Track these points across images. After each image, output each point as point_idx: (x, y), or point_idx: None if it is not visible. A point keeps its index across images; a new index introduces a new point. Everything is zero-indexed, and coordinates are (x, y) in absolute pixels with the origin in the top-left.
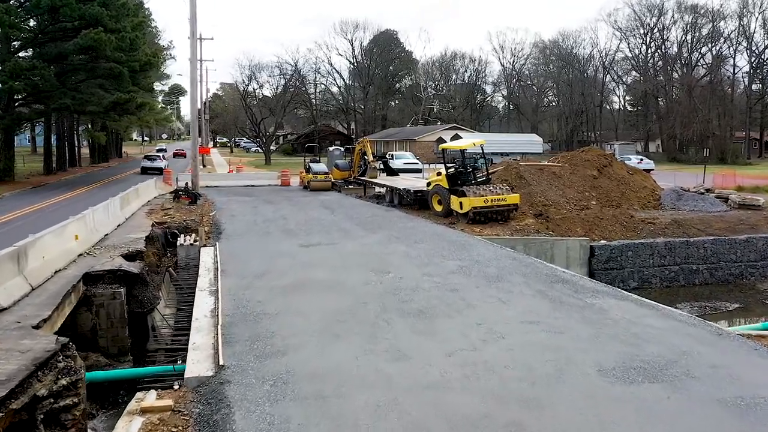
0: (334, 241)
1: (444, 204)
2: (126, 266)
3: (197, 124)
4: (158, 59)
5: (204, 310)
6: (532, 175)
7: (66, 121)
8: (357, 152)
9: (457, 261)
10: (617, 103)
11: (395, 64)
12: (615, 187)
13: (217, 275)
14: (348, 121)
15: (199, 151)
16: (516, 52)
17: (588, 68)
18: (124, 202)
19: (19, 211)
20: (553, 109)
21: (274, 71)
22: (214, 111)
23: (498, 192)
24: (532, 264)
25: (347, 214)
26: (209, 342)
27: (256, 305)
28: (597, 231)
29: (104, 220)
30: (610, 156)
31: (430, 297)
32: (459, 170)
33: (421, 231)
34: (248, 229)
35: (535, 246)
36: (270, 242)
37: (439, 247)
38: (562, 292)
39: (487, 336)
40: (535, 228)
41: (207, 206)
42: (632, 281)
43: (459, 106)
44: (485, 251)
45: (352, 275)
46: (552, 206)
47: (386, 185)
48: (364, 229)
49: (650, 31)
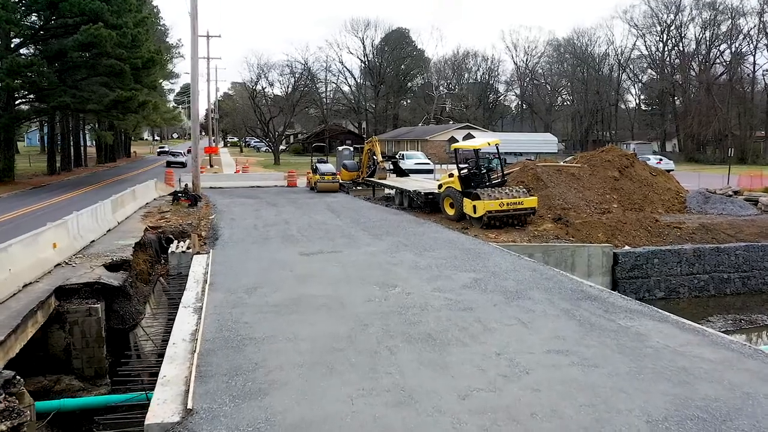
0: (337, 248)
1: (456, 207)
2: (106, 278)
3: (198, 123)
4: (162, 56)
5: (183, 332)
6: (549, 177)
7: (71, 120)
8: (365, 152)
9: (470, 273)
10: (632, 101)
11: (407, 62)
12: (637, 189)
13: (206, 288)
14: (359, 120)
15: (206, 151)
16: (529, 50)
17: (603, 66)
18: (116, 205)
19: (9, 214)
20: (567, 108)
21: (284, 70)
22: (224, 110)
23: (514, 195)
24: (554, 277)
25: (353, 218)
26: (182, 375)
27: (242, 327)
28: (620, 236)
29: (91, 225)
30: (632, 156)
31: (441, 318)
32: (472, 171)
33: (431, 237)
34: (246, 235)
35: (555, 253)
36: (268, 250)
37: (450, 256)
38: (591, 311)
39: (508, 370)
40: (554, 233)
41: (207, 209)
42: (659, 291)
43: (471, 105)
44: (502, 261)
45: (354, 290)
46: (571, 210)
47: (395, 187)
48: (370, 235)
49: (667, 28)
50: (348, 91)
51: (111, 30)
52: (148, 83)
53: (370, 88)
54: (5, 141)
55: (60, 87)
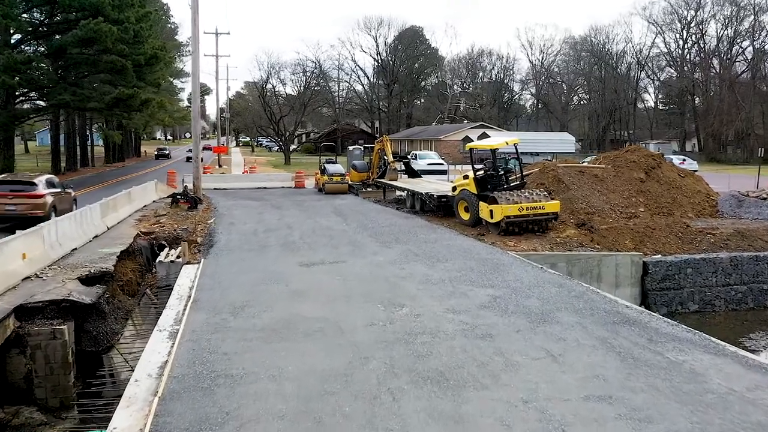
0: (341, 258)
1: (471, 212)
2: (77, 294)
3: (199, 121)
4: (166, 53)
5: (151, 364)
6: (571, 179)
7: (78, 119)
8: (376, 152)
9: (488, 288)
10: (649, 100)
11: (420, 61)
12: (665, 191)
13: (188, 306)
14: (372, 119)
15: (214, 151)
16: (545, 48)
17: (621, 64)
18: (107, 209)
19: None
20: (583, 107)
21: (296, 69)
22: (236, 109)
23: (535, 198)
24: (584, 294)
25: (361, 223)
26: (136, 428)
27: (219, 360)
28: (649, 243)
29: (73, 231)
30: (659, 156)
31: (455, 348)
32: (489, 173)
33: (444, 245)
34: (244, 242)
35: (580, 263)
36: (265, 259)
37: (466, 267)
38: (633, 340)
39: (539, 427)
40: (578, 240)
41: (206, 212)
42: (692, 303)
43: (486, 104)
44: (523, 274)
45: (355, 311)
46: (596, 214)
47: (407, 189)
48: (378, 241)
49: (687, 25)
50: (361, 90)
51: (112, 25)
52: (151, 80)
53: (383, 87)
54: (5, 140)
55: (60, 84)
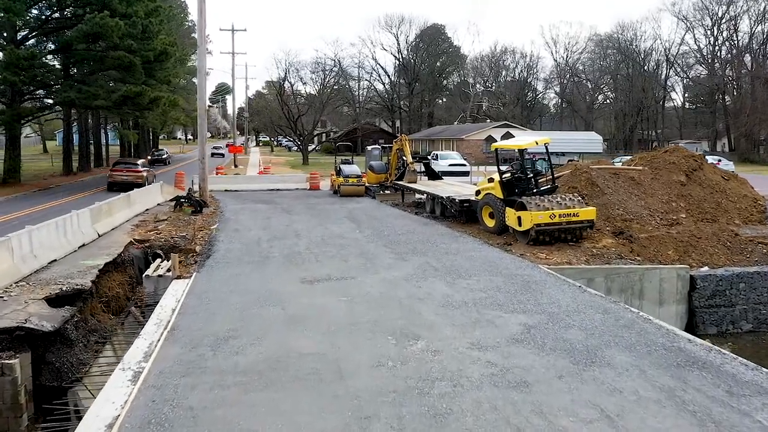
0: (350, 273)
1: (497, 218)
2: (36, 320)
3: (205, 120)
4: (176, 49)
5: (99, 420)
6: (606, 182)
7: (92, 118)
8: (394, 152)
9: (520, 314)
10: (677, 99)
11: (442, 59)
12: (708, 195)
13: (163, 336)
14: (393, 119)
15: (230, 150)
16: (570, 46)
17: (649, 62)
18: (99, 215)
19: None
20: (609, 106)
21: (316, 67)
22: (255, 109)
23: (568, 204)
24: (634, 323)
25: (376, 230)
26: None
27: (181, 420)
28: (694, 254)
29: (53, 240)
30: (701, 157)
31: (483, 405)
32: (516, 176)
33: (467, 257)
34: (245, 252)
35: (620, 278)
36: (264, 275)
37: (492, 285)
38: (707, 392)
39: None
40: (616, 251)
41: (211, 217)
42: (745, 322)
43: (509, 103)
44: (559, 295)
45: (360, 345)
46: (634, 221)
47: (426, 192)
48: (393, 252)
49: (718, 21)
50: (381, 88)
51: (119, 19)
52: (161, 78)
53: (404, 85)
54: (11, 139)
55: (66, 82)
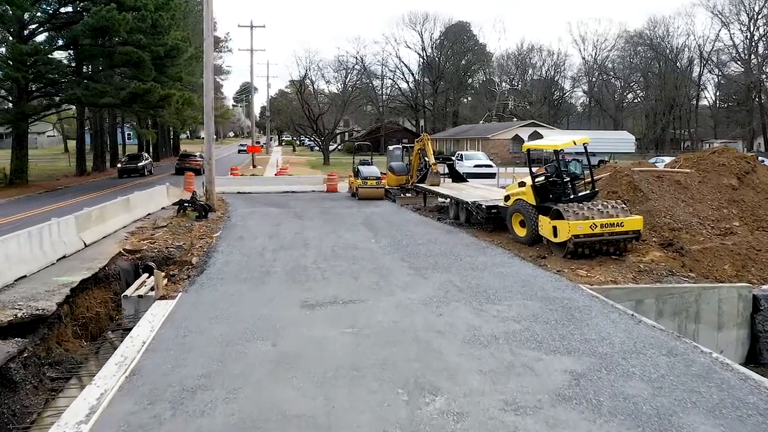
0: (360, 294)
1: (529, 227)
2: None
3: (212, 118)
4: (189, 44)
5: None
6: (650, 186)
7: (108, 116)
8: (415, 153)
9: (564, 356)
10: (709, 98)
11: (467, 57)
12: (763, 201)
13: (119, 383)
14: (416, 117)
15: (248, 150)
16: (598, 43)
17: (682, 59)
18: (88, 221)
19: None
20: (638, 104)
21: (339, 66)
22: (277, 107)
23: (611, 212)
24: (711, 371)
25: (394, 239)
26: None
27: None
28: (753, 269)
29: (25, 253)
30: (753, 159)
31: None
32: (551, 179)
33: (496, 273)
34: (244, 266)
35: (673, 299)
36: (259, 296)
37: (528, 313)
38: None
39: None
40: (666, 266)
41: (217, 222)
42: None
43: (536, 102)
44: (610, 327)
45: (361, 403)
46: (683, 230)
47: (450, 196)
48: (411, 267)
49: (755, 16)
50: (405, 87)
51: (127, 13)
52: (172, 74)
53: (429, 84)
54: (17, 138)
55: (73, 79)
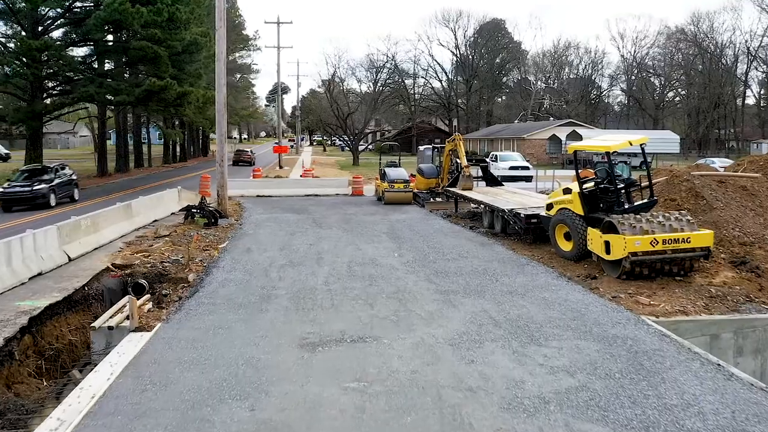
0: (373, 329)
1: (575, 241)
2: None
3: (224, 116)
4: (209, 39)
5: None
6: (713, 193)
7: (132, 115)
8: (446, 154)
9: None
10: (754, 95)
11: (502, 55)
12: None
13: None
14: (449, 117)
15: (275, 150)
16: (638, 40)
17: (726, 56)
18: (76, 231)
19: None
20: (679, 103)
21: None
22: (308, 107)
23: (673, 225)
24: None
25: (420, 252)
26: None
27: None
28: None
29: None
30: None
31: None
32: (602, 186)
33: (539, 299)
34: (245, 287)
35: (755, 333)
36: (253, 328)
37: (583, 360)
38: None
39: None
40: (741, 289)
41: (227, 231)
42: None
43: (573, 100)
44: (694, 385)
45: None
46: (755, 245)
47: (484, 203)
48: (438, 291)
49: None
50: (438, 86)
51: (141, 6)
52: (191, 71)
53: (462, 82)
54: (31, 137)
55: (86, 75)
